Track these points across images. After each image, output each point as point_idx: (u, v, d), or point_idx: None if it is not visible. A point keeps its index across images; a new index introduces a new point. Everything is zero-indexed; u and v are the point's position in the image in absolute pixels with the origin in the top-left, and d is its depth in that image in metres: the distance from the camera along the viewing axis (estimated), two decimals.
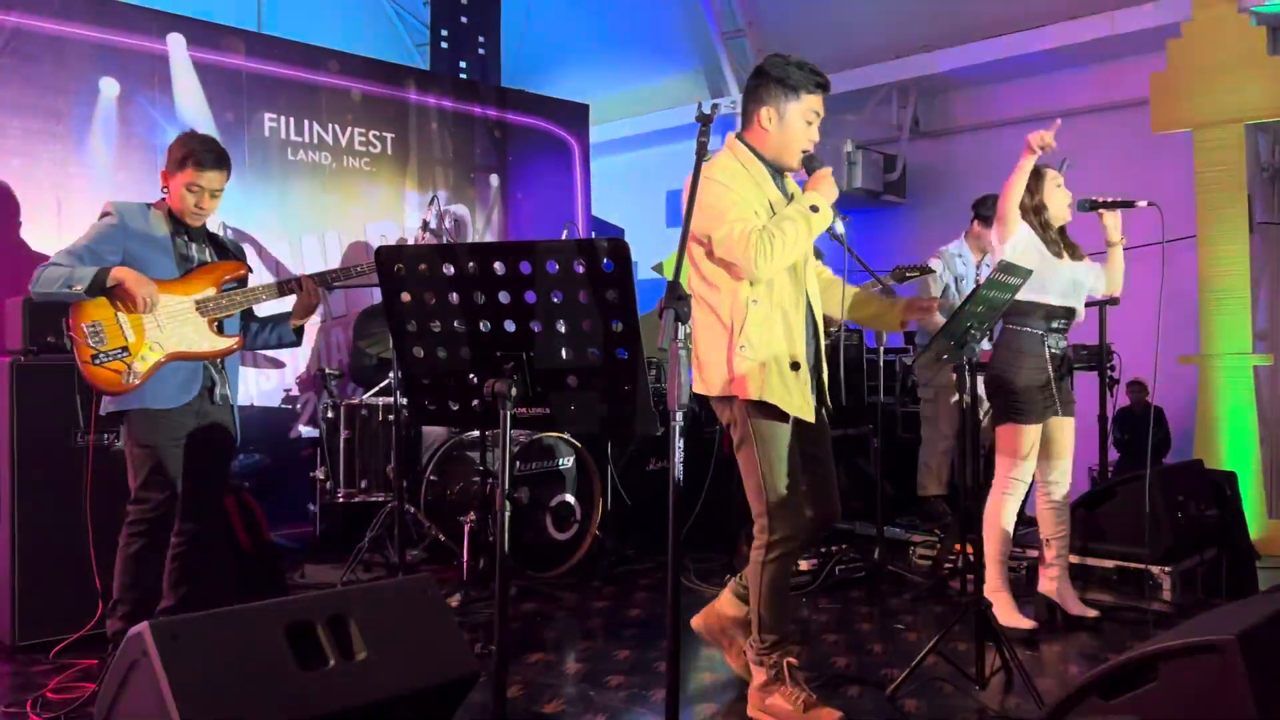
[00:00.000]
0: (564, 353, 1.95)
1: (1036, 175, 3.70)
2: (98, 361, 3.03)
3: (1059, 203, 3.74)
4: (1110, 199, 3.78)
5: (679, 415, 2.15)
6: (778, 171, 2.95)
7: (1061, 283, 3.69)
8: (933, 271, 4.97)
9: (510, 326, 1.96)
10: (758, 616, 2.88)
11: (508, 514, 2.00)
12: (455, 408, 2.06)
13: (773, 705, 2.86)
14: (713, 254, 2.80)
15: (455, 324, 1.99)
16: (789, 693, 2.83)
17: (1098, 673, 2.35)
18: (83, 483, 3.51)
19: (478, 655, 3.45)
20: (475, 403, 2.03)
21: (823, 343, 3.00)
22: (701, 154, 2.47)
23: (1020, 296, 3.34)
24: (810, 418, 2.85)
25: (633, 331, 1.89)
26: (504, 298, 1.94)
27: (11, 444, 3.52)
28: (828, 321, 3.17)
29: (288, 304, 3.37)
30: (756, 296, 2.79)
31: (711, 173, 2.77)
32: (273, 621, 2.20)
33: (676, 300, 2.19)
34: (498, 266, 1.92)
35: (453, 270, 1.94)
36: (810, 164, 2.88)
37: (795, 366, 2.81)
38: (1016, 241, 3.63)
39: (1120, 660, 2.30)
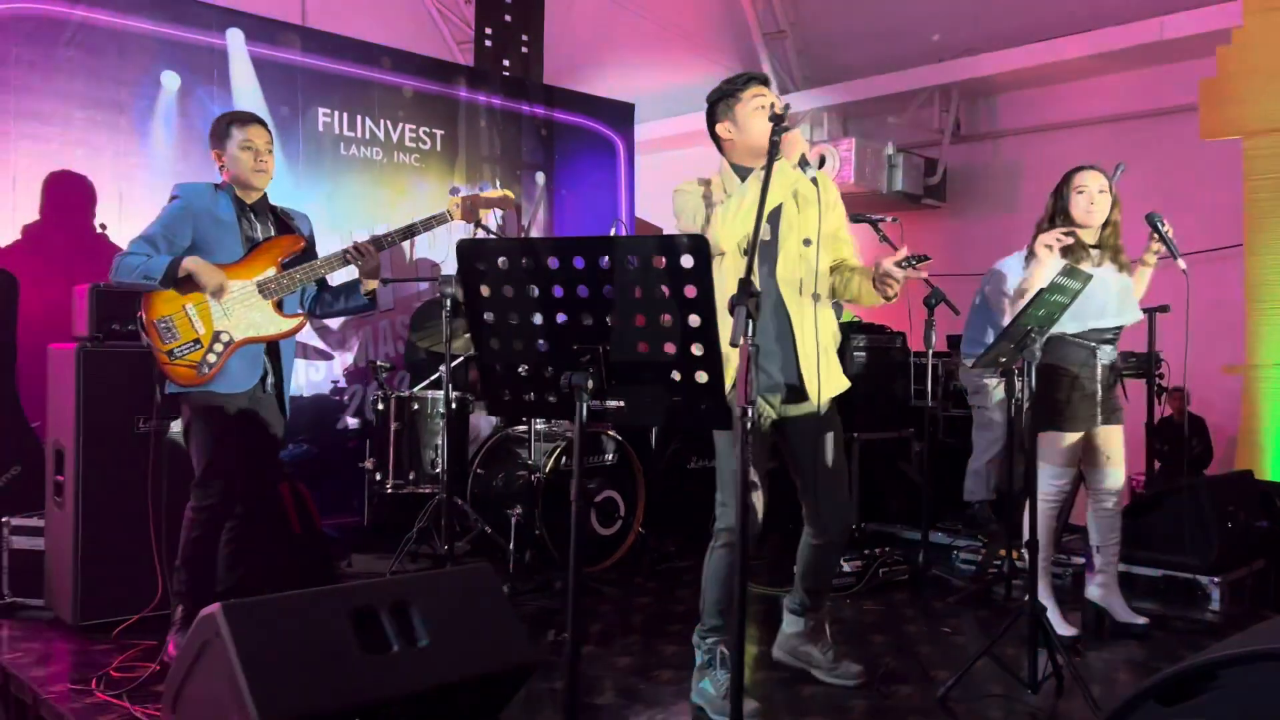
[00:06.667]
0: (640, 346, 1.97)
1: (1065, 179, 3.63)
2: (174, 358, 3.12)
3: (1081, 208, 3.56)
4: (1169, 233, 3.63)
5: (749, 412, 2.17)
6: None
7: (1095, 305, 3.52)
8: (928, 259, 4.63)
9: (587, 320, 1.98)
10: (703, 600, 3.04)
11: (576, 507, 2.02)
12: (531, 399, 2.10)
13: (703, 690, 3.01)
14: None
15: (533, 317, 2.02)
16: (718, 678, 2.96)
17: (1157, 679, 2.34)
18: (146, 467, 3.59)
19: (551, 643, 3.58)
20: (551, 396, 2.06)
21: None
22: (774, 153, 2.50)
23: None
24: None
25: (710, 327, 1.91)
26: (582, 291, 1.97)
27: (77, 428, 3.60)
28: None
29: (353, 271, 3.43)
30: None
31: None
32: (339, 606, 2.24)
33: (748, 297, 2.21)
34: (577, 261, 1.94)
35: (533, 264, 1.97)
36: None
37: None
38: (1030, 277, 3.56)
39: (1180, 667, 2.29)
